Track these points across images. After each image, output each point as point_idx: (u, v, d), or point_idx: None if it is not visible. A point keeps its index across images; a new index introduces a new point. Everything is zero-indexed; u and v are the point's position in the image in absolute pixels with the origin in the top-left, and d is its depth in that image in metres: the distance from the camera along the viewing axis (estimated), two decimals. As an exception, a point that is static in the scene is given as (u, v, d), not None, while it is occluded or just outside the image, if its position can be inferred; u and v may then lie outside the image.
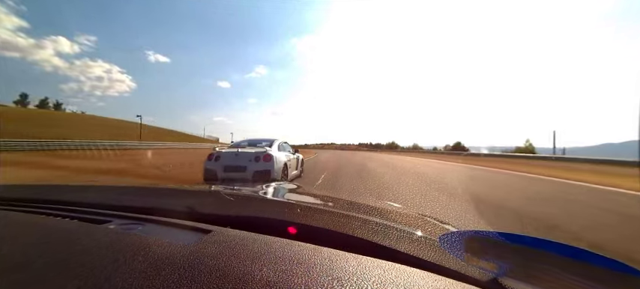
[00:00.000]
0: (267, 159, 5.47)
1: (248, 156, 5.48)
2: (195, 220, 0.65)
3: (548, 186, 7.59)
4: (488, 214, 3.91)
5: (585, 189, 7.01)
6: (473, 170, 12.82)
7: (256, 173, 5.31)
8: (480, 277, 0.45)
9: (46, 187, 1.16)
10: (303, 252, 0.48)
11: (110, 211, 0.73)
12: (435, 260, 0.49)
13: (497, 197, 5.69)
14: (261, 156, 5.49)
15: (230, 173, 5.35)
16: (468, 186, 7.30)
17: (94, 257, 0.45)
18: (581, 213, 4.47)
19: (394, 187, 6.40)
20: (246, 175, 5.32)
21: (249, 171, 5.34)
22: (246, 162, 5.43)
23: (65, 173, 8.23)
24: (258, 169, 5.35)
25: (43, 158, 13.90)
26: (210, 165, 5.56)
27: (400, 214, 0.87)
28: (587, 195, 6.13)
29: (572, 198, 5.76)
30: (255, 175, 5.30)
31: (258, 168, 5.36)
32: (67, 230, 0.60)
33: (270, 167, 5.41)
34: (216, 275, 0.39)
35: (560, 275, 0.47)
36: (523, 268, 0.50)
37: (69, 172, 8.42)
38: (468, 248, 0.56)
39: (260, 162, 5.42)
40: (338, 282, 0.39)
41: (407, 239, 0.58)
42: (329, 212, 0.86)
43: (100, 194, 1.07)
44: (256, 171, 5.33)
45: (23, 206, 0.81)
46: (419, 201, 4.62)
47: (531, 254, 0.54)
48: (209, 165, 5.57)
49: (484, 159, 27.13)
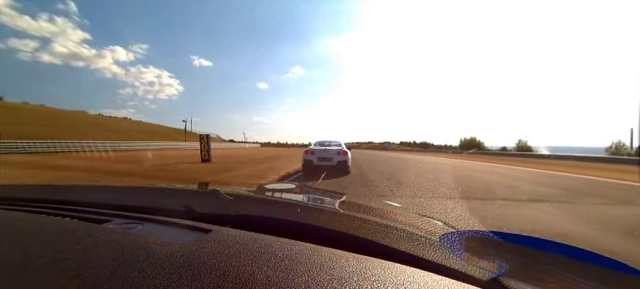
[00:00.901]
0: (345, 153, 8.08)
1: (332, 152, 8.04)
2: (195, 219, 0.65)
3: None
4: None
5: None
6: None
7: (339, 162, 7.83)
8: (480, 276, 0.45)
9: (46, 187, 1.16)
10: (304, 251, 0.48)
11: (110, 210, 0.73)
12: (435, 260, 0.49)
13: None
14: (341, 151, 8.09)
15: (321, 162, 7.90)
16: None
17: (94, 256, 0.45)
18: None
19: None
20: (332, 163, 7.83)
21: (334, 161, 7.87)
22: (332, 155, 7.92)
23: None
24: (340, 160, 7.89)
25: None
26: (307, 156, 8.13)
27: (400, 213, 0.87)
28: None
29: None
30: (338, 164, 7.82)
31: (340, 159, 7.90)
32: (68, 229, 0.60)
33: (347, 158, 8.04)
34: (216, 274, 0.39)
35: (560, 275, 0.47)
36: (523, 268, 0.50)
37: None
38: (469, 247, 0.56)
39: (340, 155, 7.94)
40: (338, 282, 0.39)
41: (407, 238, 0.58)
42: (329, 211, 0.86)
43: (100, 193, 1.07)
44: (338, 161, 7.87)
45: (23, 205, 0.81)
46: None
47: (531, 254, 0.54)
48: (307, 157, 8.12)
49: (593, 165, 15.29)
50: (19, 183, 1.26)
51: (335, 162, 7.81)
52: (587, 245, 0.57)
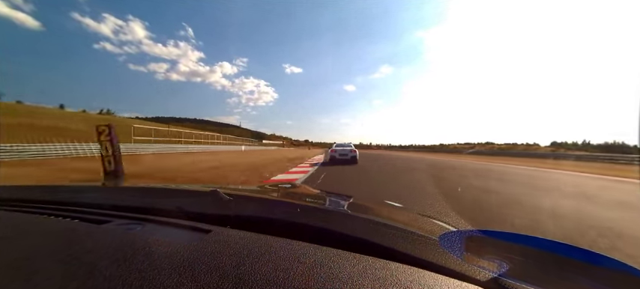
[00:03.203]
0: (354, 152, 12.67)
1: (348, 151, 12.67)
2: (195, 220, 0.65)
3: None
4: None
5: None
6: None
7: (352, 157, 12.31)
8: (480, 276, 0.45)
9: (46, 187, 1.15)
10: (303, 251, 0.48)
11: (110, 211, 0.73)
12: (435, 260, 0.49)
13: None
14: (352, 150, 12.77)
15: (341, 156, 12.38)
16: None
17: (94, 257, 0.45)
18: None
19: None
20: (347, 157, 12.27)
21: (348, 156, 12.34)
22: (348, 152, 12.51)
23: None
24: (352, 155, 12.39)
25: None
26: (332, 154, 12.69)
27: (400, 213, 0.87)
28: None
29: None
30: (351, 158, 12.28)
31: (352, 155, 12.40)
32: (67, 230, 0.60)
33: (356, 154, 12.57)
34: (216, 274, 0.39)
35: (560, 275, 0.47)
36: (523, 268, 0.50)
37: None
38: (468, 247, 0.56)
39: (352, 152, 12.53)
40: (338, 281, 0.39)
41: (407, 238, 0.58)
42: (329, 211, 0.86)
43: (99, 194, 1.07)
44: (351, 156, 12.35)
45: (23, 206, 0.81)
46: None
47: (531, 254, 0.54)
48: (331, 154, 12.70)
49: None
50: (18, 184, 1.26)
51: (349, 156, 12.51)
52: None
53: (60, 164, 10.63)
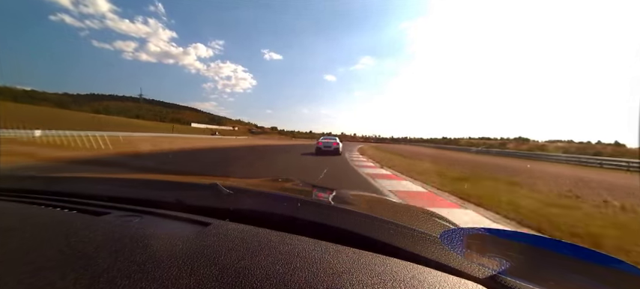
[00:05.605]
0: (338, 144, 15.28)
1: (331, 142, 15.37)
2: (194, 213, 0.64)
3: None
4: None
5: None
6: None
7: (335, 149, 14.67)
8: (480, 274, 0.45)
9: (44, 178, 1.15)
10: (303, 246, 0.48)
11: (109, 203, 0.73)
12: (435, 257, 0.49)
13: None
14: (335, 141, 15.51)
15: (325, 148, 14.71)
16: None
17: (93, 248, 0.44)
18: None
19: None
20: (331, 149, 14.58)
21: (332, 148, 14.68)
22: (331, 145, 14.90)
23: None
24: (335, 147, 14.82)
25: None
26: (318, 145, 15.06)
27: (401, 209, 0.87)
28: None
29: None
30: (334, 149, 14.65)
31: (335, 147, 14.79)
32: (65, 221, 0.59)
33: (339, 146, 15.13)
34: (215, 267, 0.39)
35: (560, 273, 0.47)
36: (523, 265, 0.50)
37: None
38: (469, 244, 0.56)
39: (336, 144, 15.02)
40: (338, 276, 0.39)
41: (407, 234, 0.58)
42: (329, 206, 0.86)
43: (98, 185, 1.06)
44: (335, 148, 14.75)
45: (21, 196, 0.80)
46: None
47: (531, 252, 0.54)
48: (318, 146, 15.07)
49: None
50: (13, 174, 1.24)
51: (332, 148, 14.84)
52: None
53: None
